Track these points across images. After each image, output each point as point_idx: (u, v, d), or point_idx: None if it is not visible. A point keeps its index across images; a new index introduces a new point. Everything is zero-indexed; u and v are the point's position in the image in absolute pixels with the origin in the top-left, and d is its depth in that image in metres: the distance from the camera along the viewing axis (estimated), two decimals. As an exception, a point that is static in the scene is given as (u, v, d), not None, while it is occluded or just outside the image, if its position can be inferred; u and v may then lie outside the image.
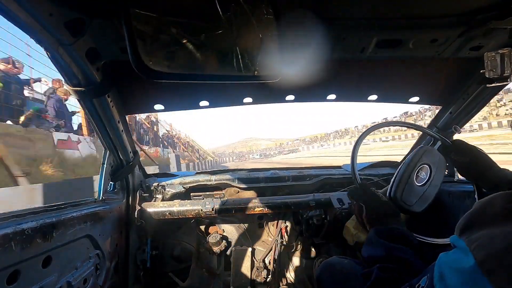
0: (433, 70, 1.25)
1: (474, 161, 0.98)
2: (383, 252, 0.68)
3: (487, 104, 1.38)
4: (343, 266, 0.97)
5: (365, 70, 1.23)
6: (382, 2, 0.84)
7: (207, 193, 1.57)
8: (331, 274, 0.98)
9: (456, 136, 1.41)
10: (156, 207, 1.49)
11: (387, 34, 0.95)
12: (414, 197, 0.98)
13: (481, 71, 0.92)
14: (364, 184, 0.98)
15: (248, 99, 1.33)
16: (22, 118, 6.37)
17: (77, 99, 1.00)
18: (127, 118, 1.31)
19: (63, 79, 0.92)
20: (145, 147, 12.18)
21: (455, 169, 1.62)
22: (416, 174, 1.01)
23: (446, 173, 1.66)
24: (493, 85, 0.89)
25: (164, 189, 1.64)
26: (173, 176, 1.80)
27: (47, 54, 0.79)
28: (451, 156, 1.06)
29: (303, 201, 1.51)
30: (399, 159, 1.83)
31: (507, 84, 0.90)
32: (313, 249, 1.72)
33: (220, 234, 1.70)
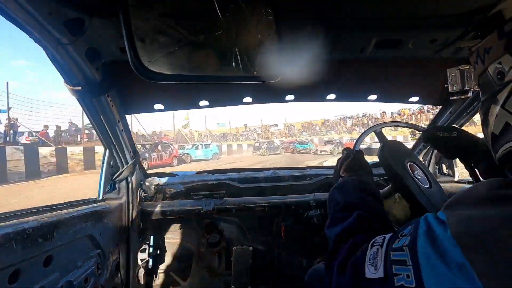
0: (432, 70, 1.25)
1: (458, 136, 0.94)
2: (361, 200, 0.70)
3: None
4: None
5: (365, 70, 1.23)
6: (382, 2, 0.84)
7: (207, 192, 1.58)
8: (317, 281, 0.99)
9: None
10: (156, 206, 1.49)
11: (387, 34, 0.95)
12: (439, 198, 0.94)
13: (445, 85, 0.97)
14: (361, 150, 1.00)
15: (247, 99, 1.33)
16: None
17: (77, 99, 1.00)
18: (127, 118, 1.31)
19: (63, 78, 0.92)
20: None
21: (454, 168, 1.63)
22: (415, 177, 0.97)
23: (446, 172, 1.66)
24: (455, 97, 0.96)
25: (165, 189, 1.64)
26: (173, 175, 1.80)
27: (46, 53, 0.79)
28: (438, 136, 0.98)
29: (303, 201, 1.51)
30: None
31: (468, 97, 0.97)
32: (313, 249, 1.72)
33: (220, 233, 1.71)
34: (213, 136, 40.79)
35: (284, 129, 43.06)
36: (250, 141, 35.74)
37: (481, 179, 0.93)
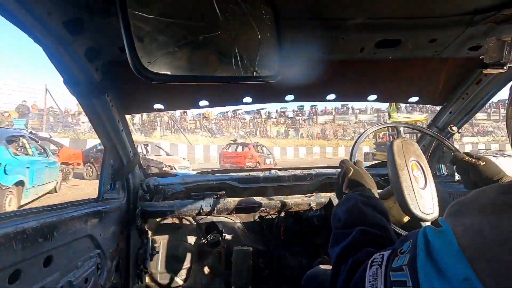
0: (432, 70, 1.25)
1: (485, 165, 0.92)
2: (363, 216, 0.68)
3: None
4: (326, 277, 0.96)
5: (365, 70, 1.23)
6: (382, 2, 0.84)
7: (207, 193, 1.58)
8: (314, 285, 0.99)
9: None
10: (156, 207, 1.49)
11: (387, 34, 0.95)
12: (429, 202, 0.91)
13: (481, 56, 0.92)
14: (358, 160, 0.98)
15: (247, 99, 1.33)
16: None
17: (77, 99, 1.00)
18: (126, 118, 1.31)
19: (62, 78, 0.92)
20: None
21: (455, 170, 1.62)
22: (414, 176, 0.94)
23: (446, 172, 1.66)
24: (489, 70, 0.89)
25: (165, 189, 1.64)
26: (173, 176, 1.80)
27: (45, 53, 0.79)
28: (465, 161, 0.98)
29: (303, 201, 1.51)
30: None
31: (504, 71, 0.91)
32: (313, 249, 1.72)
33: (220, 233, 1.71)
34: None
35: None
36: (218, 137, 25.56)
37: None
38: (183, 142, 21.42)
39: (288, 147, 27.78)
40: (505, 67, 0.85)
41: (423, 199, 0.90)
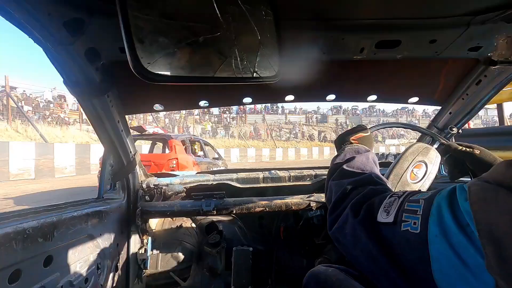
0: (432, 70, 1.25)
1: (479, 153, 0.95)
2: (374, 169, 0.71)
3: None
4: (328, 275, 0.97)
5: (365, 70, 1.23)
6: (382, 2, 0.84)
7: (207, 193, 1.58)
8: (316, 284, 0.99)
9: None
10: (156, 207, 1.50)
11: (386, 34, 0.95)
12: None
13: (489, 54, 0.94)
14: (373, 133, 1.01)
15: (247, 99, 1.33)
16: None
17: (77, 99, 1.00)
18: (126, 118, 1.31)
19: (62, 78, 0.92)
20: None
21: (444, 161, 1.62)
22: (412, 171, 0.98)
23: (445, 173, 1.66)
24: (497, 66, 0.91)
25: (165, 189, 1.64)
26: (173, 176, 1.80)
27: (45, 53, 0.79)
28: (459, 150, 1.01)
29: (303, 201, 1.52)
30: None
31: (511, 67, 0.92)
32: (313, 249, 1.72)
33: (220, 234, 1.71)
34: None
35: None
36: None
37: None
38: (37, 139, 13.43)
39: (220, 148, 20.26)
40: None
41: (405, 188, 0.95)
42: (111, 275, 1.26)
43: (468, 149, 0.97)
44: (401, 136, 35.87)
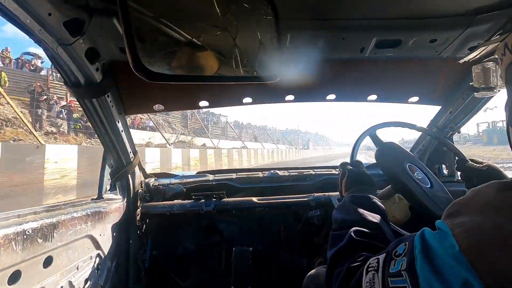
0: (432, 70, 1.25)
1: (488, 170, 0.95)
2: (358, 216, 0.67)
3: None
4: None
5: (365, 70, 1.23)
6: (382, 2, 0.84)
7: (207, 193, 1.57)
8: (315, 286, 0.99)
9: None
10: (156, 207, 1.49)
11: (387, 34, 0.95)
12: (442, 197, 0.93)
13: (470, 83, 0.95)
14: (357, 161, 1.00)
15: (247, 99, 1.33)
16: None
17: (77, 99, 1.00)
18: (127, 118, 1.31)
19: (63, 79, 0.92)
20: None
21: (454, 168, 1.62)
22: (416, 178, 0.96)
23: (446, 172, 1.66)
24: (480, 93, 0.91)
25: (164, 189, 1.64)
26: (173, 176, 1.80)
27: (46, 54, 0.79)
28: (469, 167, 1.00)
29: (303, 201, 1.51)
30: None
31: (494, 94, 0.92)
32: (313, 249, 1.72)
33: (220, 234, 1.70)
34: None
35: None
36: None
37: None
38: None
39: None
40: (495, 90, 0.87)
41: (438, 197, 0.93)
42: (111, 275, 1.26)
43: (477, 165, 0.97)
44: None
